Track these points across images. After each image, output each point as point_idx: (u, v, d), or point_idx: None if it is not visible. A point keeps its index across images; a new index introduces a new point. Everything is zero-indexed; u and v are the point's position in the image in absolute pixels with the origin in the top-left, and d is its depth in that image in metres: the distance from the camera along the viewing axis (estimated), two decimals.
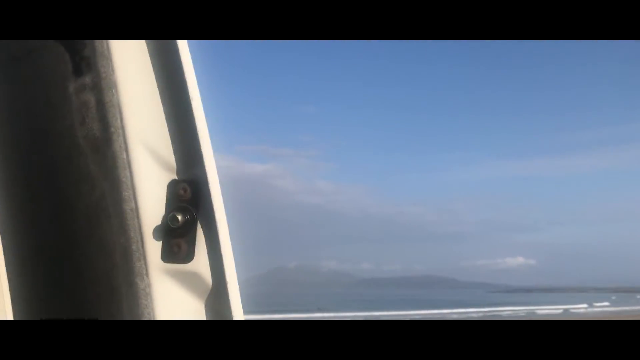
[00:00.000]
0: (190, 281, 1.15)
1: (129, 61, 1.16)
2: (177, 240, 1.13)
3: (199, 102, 1.14)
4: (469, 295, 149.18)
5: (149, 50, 1.17)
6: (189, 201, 1.14)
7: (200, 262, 1.14)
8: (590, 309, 62.22)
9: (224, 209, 1.14)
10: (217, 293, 1.15)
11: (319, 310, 58.04)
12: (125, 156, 1.14)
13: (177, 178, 1.17)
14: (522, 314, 54.76)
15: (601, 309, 64.32)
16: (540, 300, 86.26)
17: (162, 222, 1.14)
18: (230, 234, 1.12)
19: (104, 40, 1.14)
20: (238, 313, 1.14)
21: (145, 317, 1.12)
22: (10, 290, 1.16)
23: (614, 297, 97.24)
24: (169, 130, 1.17)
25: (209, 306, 1.18)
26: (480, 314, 55.23)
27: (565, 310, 60.11)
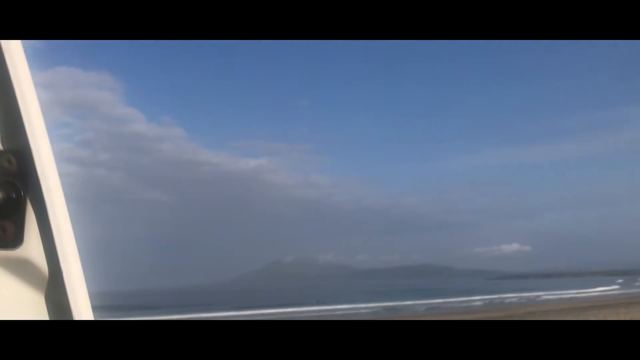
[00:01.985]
0: (21, 270, 0.97)
1: None
2: (1, 221, 0.95)
3: (23, 62, 0.96)
4: (468, 283, 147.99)
5: None
6: (15, 175, 0.96)
7: (32, 247, 0.97)
8: (603, 293, 60.43)
9: (59, 183, 0.98)
10: (55, 284, 0.98)
11: (318, 303, 56.04)
12: None
13: (0, 148, 0.98)
14: (524, 301, 52.64)
15: (611, 292, 62.66)
16: (542, 286, 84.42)
17: None
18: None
19: None
20: (82, 309, 0.97)
21: None
22: None
23: (620, 280, 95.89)
24: None
25: (49, 300, 1.00)
26: (486, 301, 53.24)
27: (574, 295, 58.08)
